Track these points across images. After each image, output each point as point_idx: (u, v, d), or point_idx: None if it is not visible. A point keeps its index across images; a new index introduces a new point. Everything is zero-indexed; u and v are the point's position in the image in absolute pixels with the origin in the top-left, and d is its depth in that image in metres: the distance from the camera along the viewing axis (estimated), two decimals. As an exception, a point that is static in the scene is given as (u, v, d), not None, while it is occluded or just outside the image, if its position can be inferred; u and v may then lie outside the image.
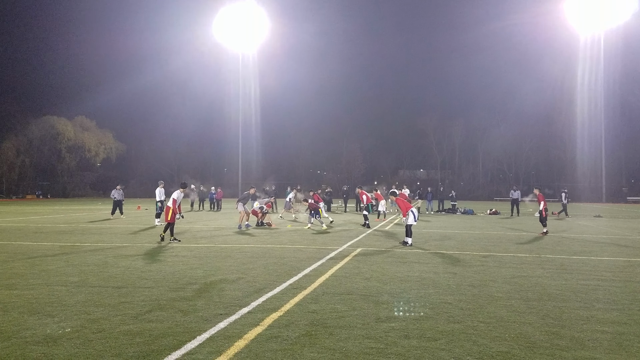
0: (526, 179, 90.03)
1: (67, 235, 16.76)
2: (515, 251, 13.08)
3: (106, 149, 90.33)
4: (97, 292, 7.67)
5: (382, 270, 9.87)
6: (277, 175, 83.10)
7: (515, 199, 31.57)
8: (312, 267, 10.09)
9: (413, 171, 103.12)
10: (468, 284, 8.55)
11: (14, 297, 7.27)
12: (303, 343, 5.28)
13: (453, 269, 10.12)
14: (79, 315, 6.32)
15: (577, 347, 5.28)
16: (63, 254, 11.90)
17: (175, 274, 9.33)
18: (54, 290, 7.82)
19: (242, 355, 4.88)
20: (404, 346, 5.21)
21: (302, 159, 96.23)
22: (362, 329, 5.78)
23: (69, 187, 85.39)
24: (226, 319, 6.14)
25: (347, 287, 8.13)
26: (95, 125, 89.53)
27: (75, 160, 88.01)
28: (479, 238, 16.56)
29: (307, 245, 14.04)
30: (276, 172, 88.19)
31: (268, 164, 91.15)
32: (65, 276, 9.02)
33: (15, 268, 9.86)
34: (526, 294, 7.77)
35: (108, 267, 10.11)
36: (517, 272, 9.76)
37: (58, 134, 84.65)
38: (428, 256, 11.96)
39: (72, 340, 5.31)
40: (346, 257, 11.65)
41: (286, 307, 6.80)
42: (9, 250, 12.65)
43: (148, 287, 8.06)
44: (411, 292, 7.79)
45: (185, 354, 4.93)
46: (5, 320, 6.05)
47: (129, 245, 13.75)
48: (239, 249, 13.02)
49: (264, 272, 9.48)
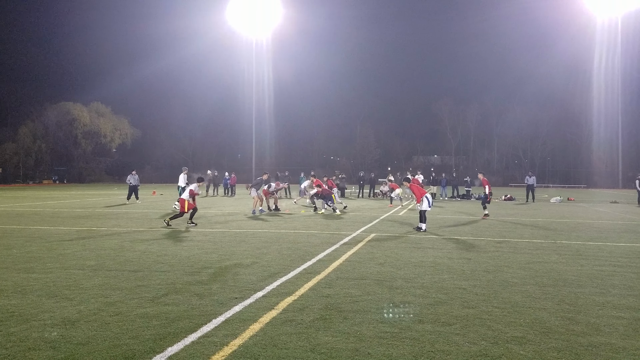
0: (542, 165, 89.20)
1: (84, 219, 16.98)
2: (530, 237, 12.99)
3: (121, 134, 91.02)
4: (114, 276, 7.77)
5: (395, 255, 9.87)
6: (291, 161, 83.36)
7: (530, 185, 31.25)
8: (326, 252, 10.11)
9: (427, 157, 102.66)
10: (483, 269, 8.52)
11: (32, 281, 7.39)
12: (318, 327, 5.30)
13: (467, 254, 10.08)
14: (96, 298, 6.41)
15: (593, 332, 5.24)
16: (80, 238, 12.06)
17: (190, 258, 9.41)
18: (72, 273, 7.94)
19: (258, 339, 4.92)
20: (418, 331, 5.21)
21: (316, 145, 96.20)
22: (377, 314, 5.79)
23: (84, 172, 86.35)
24: (241, 303, 6.19)
25: (361, 272, 8.15)
26: (110, 111, 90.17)
27: (91, 146, 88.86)
28: (493, 224, 16.47)
29: (320, 230, 14.07)
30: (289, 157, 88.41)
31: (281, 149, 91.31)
32: (82, 260, 9.15)
33: (33, 252, 10.02)
34: (541, 280, 7.72)
35: (124, 251, 10.23)
36: (532, 258, 9.70)
37: (74, 119, 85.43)
38: (442, 242, 11.92)
39: (90, 323, 5.39)
40: (360, 242, 11.66)
41: (300, 291, 6.83)
42: (26, 234, 12.85)
43: (164, 271, 8.15)
44: (425, 278, 7.78)
45: (202, 336, 4.98)
46: (24, 303, 6.15)
47: (144, 230, 13.89)
48: (253, 234, 13.09)
49: (278, 257, 9.53)
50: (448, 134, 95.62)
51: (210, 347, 4.68)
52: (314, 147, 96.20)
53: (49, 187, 61.24)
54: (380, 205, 25.38)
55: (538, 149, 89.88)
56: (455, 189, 35.33)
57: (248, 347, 4.70)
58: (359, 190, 35.87)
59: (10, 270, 8.12)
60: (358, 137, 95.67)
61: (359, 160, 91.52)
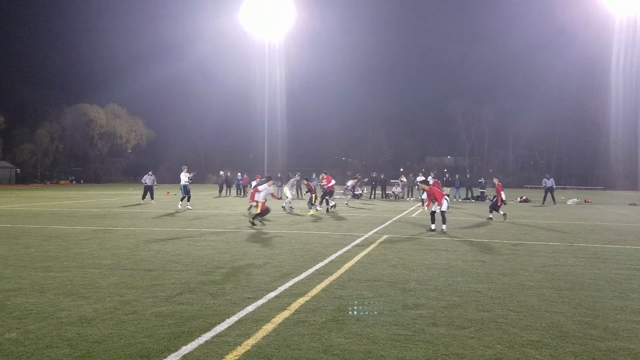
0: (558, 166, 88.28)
1: (100, 219, 17.14)
2: (546, 239, 12.86)
3: (137, 135, 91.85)
4: (129, 275, 7.84)
5: (408, 257, 9.82)
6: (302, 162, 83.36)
7: (549, 187, 30.80)
8: (338, 253, 10.10)
9: (440, 158, 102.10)
10: (498, 272, 8.45)
11: (50, 279, 7.48)
12: (330, 328, 5.30)
13: (482, 257, 10.01)
14: (112, 297, 6.47)
15: (611, 337, 5.17)
16: (96, 238, 12.18)
17: (204, 258, 9.46)
18: (88, 272, 8.02)
19: (271, 339, 4.93)
20: (432, 333, 5.18)
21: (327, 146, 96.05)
22: (390, 316, 5.77)
23: (101, 172, 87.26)
24: (254, 303, 6.20)
25: (374, 274, 8.12)
26: (126, 113, 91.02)
27: (107, 147, 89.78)
28: (508, 226, 16.33)
29: (332, 231, 14.06)
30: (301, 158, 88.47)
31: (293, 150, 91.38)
32: (98, 259, 9.24)
33: (51, 251, 10.14)
34: (558, 283, 7.63)
35: (139, 250, 10.31)
36: (548, 261, 9.60)
37: (90, 121, 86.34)
38: (456, 244, 11.85)
39: (106, 321, 5.44)
40: (372, 243, 11.63)
41: (313, 292, 6.83)
42: (44, 233, 13.01)
43: (178, 271, 8.20)
44: (439, 280, 7.73)
45: (215, 336, 5.01)
46: (42, 302, 6.22)
47: (159, 230, 13.99)
48: (265, 234, 13.11)
49: (290, 258, 9.54)
50: (462, 135, 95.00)
51: (223, 347, 4.70)
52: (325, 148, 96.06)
53: (66, 187, 61.94)
54: (392, 207, 25.30)
55: (554, 150, 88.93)
56: (469, 190, 35.09)
57: (261, 347, 4.71)
58: (371, 191, 35.77)
59: (28, 269, 8.23)
60: (370, 138, 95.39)
61: (371, 161, 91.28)
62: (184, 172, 23.08)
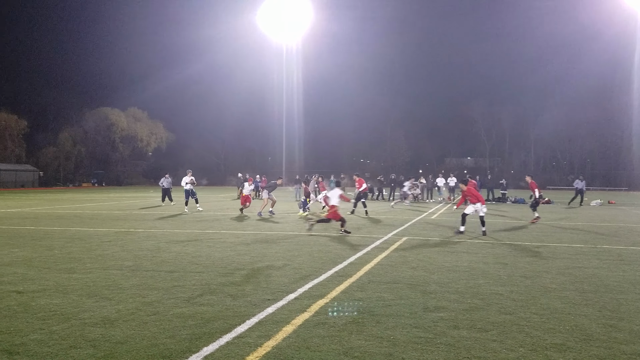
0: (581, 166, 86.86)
1: (122, 221, 17.36)
2: (569, 241, 12.66)
3: (157, 138, 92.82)
4: (151, 276, 7.92)
5: (428, 259, 9.76)
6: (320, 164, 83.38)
7: (580, 189, 30.19)
8: (357, 255, 10.08)
9: (460, 159, 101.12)
10: (520, 274, 8.34)
11: (73, 281, 7.59)
12: (350, 330, 5.29)
13: (504, 259, 9.89)
14: (134, 298, 6.55)
15: (636, 340, 5.07)
16: (118, 240, 12.34)
17: (223, 259, 9.52)
18: (110, 274, 8.13)
19: (291, 340, 4.94)
20: (453, 336, 5.14)
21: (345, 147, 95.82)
22: (410, 318, 5.74)
23: (122, 175, 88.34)
24: (274, 304, 6.22)
25: (393, 276, 8.09)
26: (146, 116, 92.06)
27: (128, 150, 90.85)
28: (531, 228, 16.12)
29: (351, 233, 14.02)
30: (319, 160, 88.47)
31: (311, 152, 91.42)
32: (120, 260, 9.36)
33: (74, 253, 10.30)
34: (582, 286, 7.51)
35: (161, 252, 10.42)
36: (571, 263, 9.45)
37: (112, 124, 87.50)
38: (477, 246, 11.73)
39: (128, 322, 5.51)
40: (391, 245, 11.58)
41: (332, 294, 6.82)
42: (67, 235, 13.22)
43: (199, 272, 8.26)
44: (460, 282, 7.66)
45: (236, 337, 5.03)
46: (65, 303, 6.32)
47: (179, 232, 14.12)
48: (284, 236, 13.15)
49: (309, 260, 9.54)
50: (482, 136, 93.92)
51: (244, 348, 4.72)
52: (343, 149, 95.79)
53: (88, 189, 62.86)
54: (410, 208, 25.15)
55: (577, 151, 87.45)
56: (490, 191, 34.69)
57: (281, 348, 4.72)
58: (390, 192, 35.58)
59: (52, 271, 8.37)
60: (388, 139, 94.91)
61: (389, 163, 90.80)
62: (187, 176, 23.05)
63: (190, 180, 22.89)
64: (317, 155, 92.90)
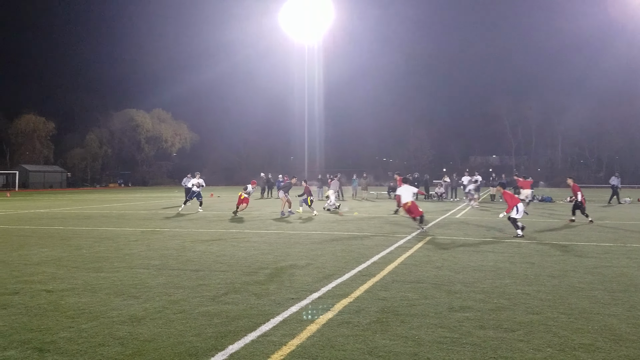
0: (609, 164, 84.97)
1: (148, 221, 17.62)
2: (598, 240, 12.42)
3: (181, 139, 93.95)
4: (177, 275, 8.02)
5: (453, 259, 9.67)
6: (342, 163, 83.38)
7: (615, 186, 29.47)
8: (381, 255, 10.04)
9: (485, 157, 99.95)
10: (547, 274, 8.21)
11: (101, 280, 7.73)
12: (374, 329, 5.27)
13: (531, 258, 9.75)
14: (161, 296, 6.64)
15: (669, 342, 4.95)
16: (144, 239, 12.52)
17: (247, 258, 9.58)
18: (137, 272, 8.25)
19: (315, 339, 4.95)
20: (479, 336, 5.08)
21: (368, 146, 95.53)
22: (435, 318, 5.70)
23: (147, 176, 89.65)
24: (298, 303, 6.24)
25: (418, 276, 8.03)
26: (171, 117, 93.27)
27: (154, 151, 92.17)
28: (558, 226, 15.87)
29: (374, 232, 13.98)
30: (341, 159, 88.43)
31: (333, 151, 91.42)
32: (147, 259, 9.50)
33: (101, 252, 10.48)
34: (610, 285, 7.36)
35: (186, 251, 10.54)
36: (600, 262, 9.26)
37: (137, 125, 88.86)
38: (503, 245, 11.58)
39: (155, 320, 5.59)
40: (415, 245, 11.50)
41: (356, 293, 6.81)
42: (95, 235, 13.47)
43: (223, 271, 8.34)
44: (486, 282, 7.58)
45: (260, 335, 5.06)
46: (93, 301, 6.43)
47: (204, 231, 14.26)
48: (307, 236, 13.17)
49: (332, 259, 9.54)
50: (507, 133, 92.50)
51: (269, 347, 4.75)
52: (365, 148, 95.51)
53: (114, 190, 63.95)
54: (435, 208, 24.95)
55: (605, 148, 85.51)
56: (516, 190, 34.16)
57: (306, 347, 4.74)
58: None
59: (80, 270, 8.53)
60: (411, 138, 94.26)
61: (413, 162, 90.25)
62: (195, 178, 22.68)
63: (197, 182, 22.57)
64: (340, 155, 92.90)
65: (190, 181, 22.98)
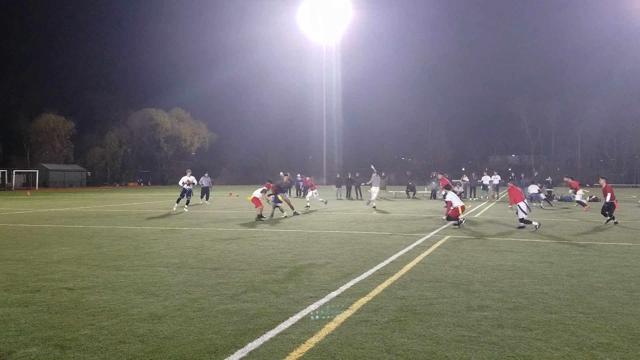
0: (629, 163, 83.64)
1: (167, 219, 17.82)
2: (617, 239, 12.26)
3: (200, 138, 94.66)
4: (196, 273, 8.12)
5: (472, 258, 9.63)
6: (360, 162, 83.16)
7: None
8: (399, 254, 10.04)
9: (504, 156, 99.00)
10: (566, 273, 8.15)
11: (121, 278, 7.85)
12: (393, 328, 5.30)
13: (549, 258, 9.67)
14: (180, 294, 6.73)
15: (691, 343, 4.89)
16: (164, 238, 12.67)
17: (266, 257, 9.66)
18: (157, 271, 8.37)
19: (334, 337, 4.99)
20: (497, 335, 5.08)
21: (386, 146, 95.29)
22: (453, 317, 5.70)
23: (167, 175, 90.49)
24: (316, 302, 6.29)
25: (436, 275, 8.03)
26: (189, 116, 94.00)
27: (173, 150, 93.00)
28: (577, 226, 15.69)
29: (393, 232, 13.98)
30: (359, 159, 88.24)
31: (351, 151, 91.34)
32: (166, 258, 9.62)
33: (121, 250, 10.64)
34: (629, 285, 7.29)
35: (205, 249, 10.66)
36: (619, 262, 9.16)
37: (157, 125, 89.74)
38: (522, 245, 11.50)
39: (175, 318, 5.67)
40: (434, 244, 11.48)
41: (374, 292, 6.83)
42: (115, 234, 13.66)
43: (242, 269, 8.42)
44: (504, 282, 7.55)
45: (279, 333, 5.12)
46: (114, 299, 6.53)
47: (222, 230, 14.39)
48: (325, 235, 13.22)
49: (350, 258, 9.57)
50: (527, 133, 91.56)
51: (288, 344, 4.80)
52: (384, 148, 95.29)
53: (134, 189, 64.66)
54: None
55: (625, 147, 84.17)
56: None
57: (324, 345, 4.78)
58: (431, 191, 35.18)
59: (100, 268, 8.66)
60: (430, 137, 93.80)
61: (431, 161, 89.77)
62: (185, 176, 22.40)
63: (187, 180, 22.29)
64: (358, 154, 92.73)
65: (182, 179, 22.60)
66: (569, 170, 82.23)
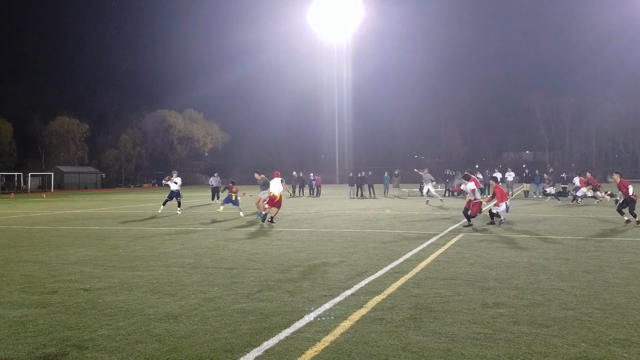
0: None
1: (181, 220, 17.94)
2: (633, 235, 12.12)
3: (213, 139, 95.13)
4: (211, 273, 8.18)
5: (486, 255, 9.59)
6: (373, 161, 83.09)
7: None
8: (413, 252, 10.03)
9: (518, 153, 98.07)
10: (582, 270, 8.08)
11: (137, 278, 7.92)
12: (408, 326, 5.29)
13: (565, 254, 9.59)
14: (196, 294, 6.78)
15: None
16: (179, 238, 12.77)
17: (280, 256, 9.70)
18: (172, 271, 8.44)
19: (348, 336, 5.00)
20: (513, 332, 5.06)
21: (399, 144, 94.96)
22: (469, 314, 5.68)
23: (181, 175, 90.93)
24: (331, 300, 6.30)
25: (451, 272, 8.01)
26: (202, 117, 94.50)
27: (186, 151, 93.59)
28: (592, 222, 15.53)
29: (406, 230, 13.95)
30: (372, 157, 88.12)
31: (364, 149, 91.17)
32: (181, 258, 9.70)
33: (137, 251, 10.74)
34: (648, 281, 7.21)
35: (220, 249, 10.73)
36: (636, 258, 9.06)
37: (170, 126, 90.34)
38: (537, 241, 11.42)
39: (191, 317, 5.72)
40: (448, 242, 11.44)
41: (389, 290, 6.84)
42: (130, 234, 13.79)
43: (257, 269, 8.46)
44: (519, 278, 7.51)
45: (295, 332, 5.14)
46: (130, 299, 6.59)
47: (236, 230, 14.46)
48: (339, 234, 13.23)
49: (364, 256, 9.58)
50: (541, 129, 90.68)
51: (303, 343, 4.82)
52: (397, 146, 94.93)
53: (148, 190, 65.14)
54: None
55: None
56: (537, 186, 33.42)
57: (340, 343, 4.79)
58: (445, 188, 35.01)
59: (117, 269, 8.75)
60: (443, 134, 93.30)
61: (444, 159, 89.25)
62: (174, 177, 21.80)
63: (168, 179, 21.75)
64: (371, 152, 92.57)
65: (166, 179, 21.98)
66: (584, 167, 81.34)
